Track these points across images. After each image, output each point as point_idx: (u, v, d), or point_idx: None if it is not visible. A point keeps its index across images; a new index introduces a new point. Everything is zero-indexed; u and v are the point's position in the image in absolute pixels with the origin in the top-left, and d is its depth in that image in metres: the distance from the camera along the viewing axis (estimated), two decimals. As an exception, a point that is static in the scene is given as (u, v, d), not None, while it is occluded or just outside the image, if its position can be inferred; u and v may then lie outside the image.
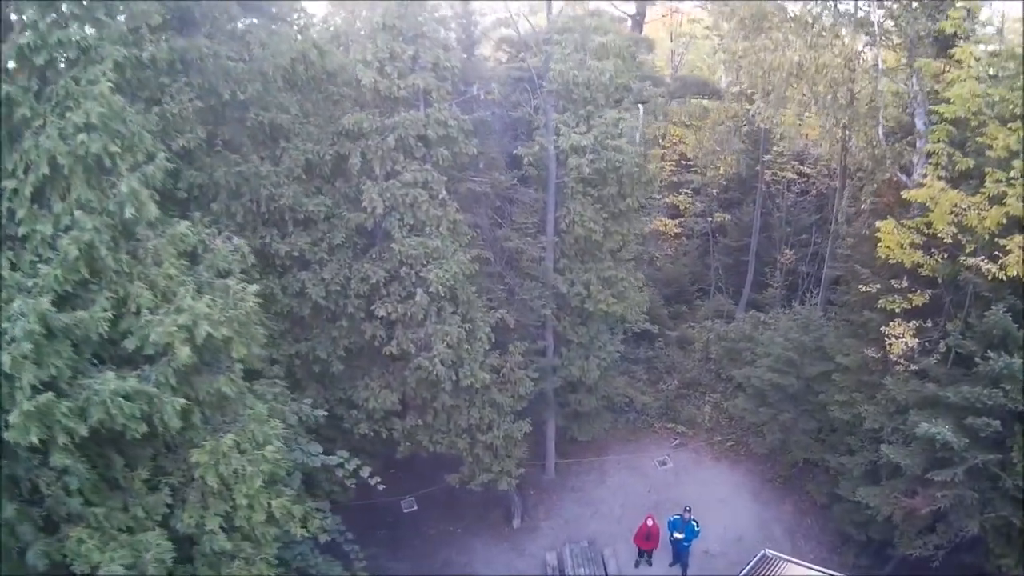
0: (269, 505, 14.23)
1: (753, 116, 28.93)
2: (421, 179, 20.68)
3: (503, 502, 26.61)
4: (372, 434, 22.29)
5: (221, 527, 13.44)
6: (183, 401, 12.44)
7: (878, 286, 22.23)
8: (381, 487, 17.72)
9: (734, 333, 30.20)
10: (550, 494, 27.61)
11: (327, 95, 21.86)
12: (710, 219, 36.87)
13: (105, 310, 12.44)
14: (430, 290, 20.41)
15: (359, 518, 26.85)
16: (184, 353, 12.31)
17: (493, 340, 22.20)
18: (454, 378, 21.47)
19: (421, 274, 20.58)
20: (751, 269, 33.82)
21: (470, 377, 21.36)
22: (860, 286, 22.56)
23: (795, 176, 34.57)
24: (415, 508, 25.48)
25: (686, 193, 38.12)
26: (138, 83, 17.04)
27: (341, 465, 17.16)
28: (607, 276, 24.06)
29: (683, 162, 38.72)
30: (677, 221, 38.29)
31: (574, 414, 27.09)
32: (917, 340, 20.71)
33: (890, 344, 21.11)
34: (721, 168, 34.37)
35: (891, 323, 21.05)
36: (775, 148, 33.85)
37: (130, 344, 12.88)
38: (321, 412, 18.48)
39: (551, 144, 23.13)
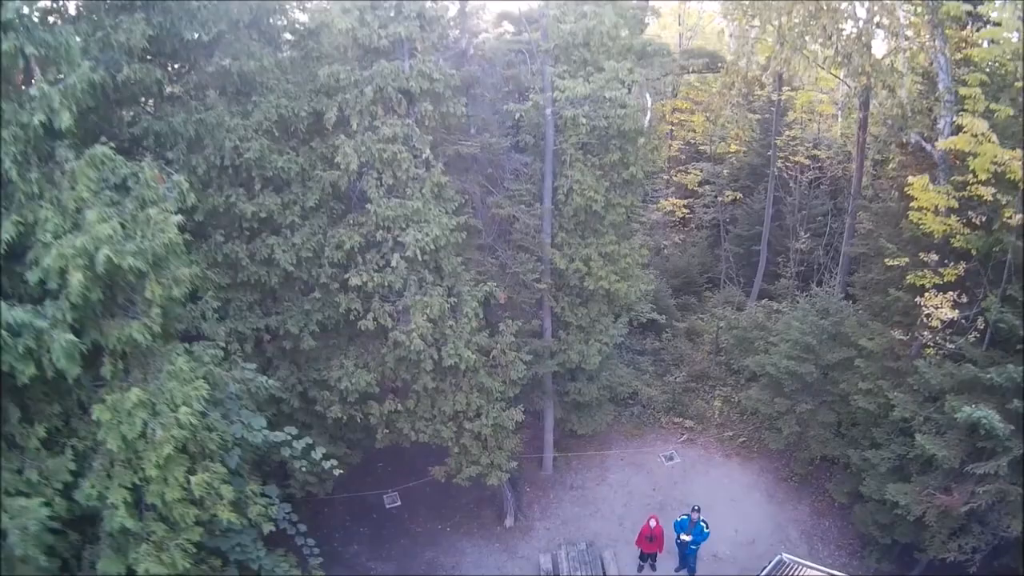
0: (187, 481, 11.93)
1: (766, 70, 26.46)
2: (401, 134, 18.36)
3: (495, 499, 23.89)
4: (346, 419, 19.74)
5: (126, 502, 10.99)
6: (71, 338, 10.02)
7: (906, 260, 19.72)
8: (337, 471, 15.07)
9: (746, 321, 27.46)
10: (547, 491, 24.82)
11: (306, 52, 19.75)
12: (720, 198, 34.29)
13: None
14: (407, 254, 17.90)
15: (339, 513, 24.50)
16: (77, 281, 9.90)
17: (481, 317, 19.77)
18: (436, 357, 19.03)
19: (399, 239, 18.12)
20: (763, 258, 31.04)
21: (454, 356, 18.72)
22: (886, 260, 20.02)
23: (808, 161, 31.96)
24: (398, 503, 22.94)
25: (696, 172, 35.75)
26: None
27: (288, 444, 14.60)
28: (609, 251, 21.36)
29: (691, 142, 36.44)
30: (686, 201, 35.96)
31: (573, 405, 24.35)
32: (957, 312, 18.08)
33: (926, 316, 18.46)
34: (732, 145, 32.05)
35: (926, 294, 18.45)
36: (788, 132, 31.39)
37: (33, 276, 10.70)
38: (272, 382, 15.91)
39: (548, 105, 20.77)
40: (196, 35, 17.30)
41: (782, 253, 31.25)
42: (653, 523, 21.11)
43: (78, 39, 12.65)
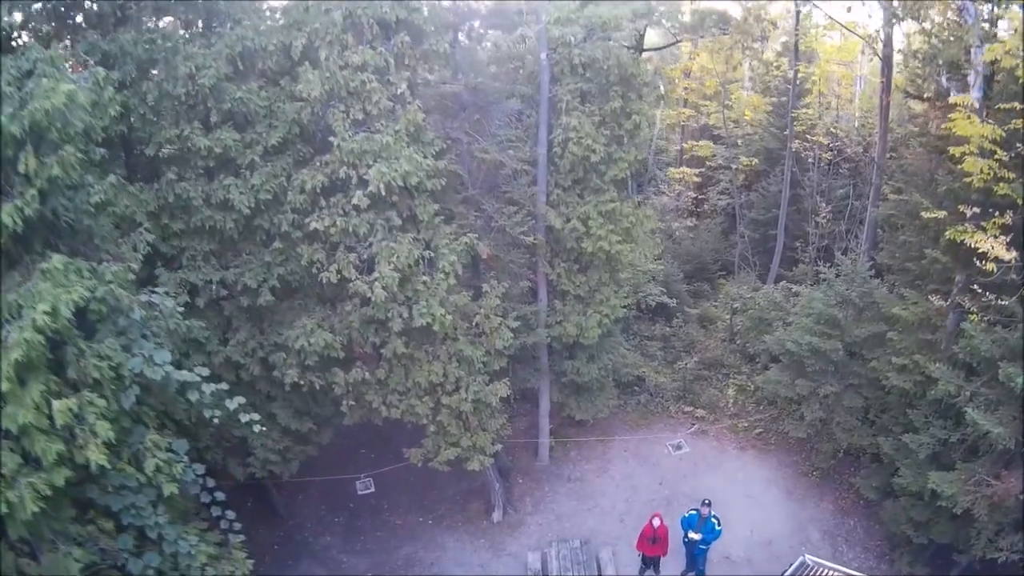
0: (49, 407, 9.30)
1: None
2: (372, 63, 15.79)
3: (484, 491, 20.76)
4: (307, 387, 16.83)
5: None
6: None
7: (943, 213, 16.68)
8: (259, 428, 12.20)
9: (762, 300, 24.26)
10: (541, 483, 21.59)
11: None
12: (735, 166, 31.23)
13: None
14: (370, 190, 15.01)
15: (314, 501, 21.48)
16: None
17: (460, 274, 16.92)
18: (405, 316, 16.40)
19: (365, 177, 15.42)
20: (780, 242, 27.71)
21: (426, 315, 15.70)
22: (923, 214, 16.97)
23: (826, 140, 28.77)
24: (371, 490, 19.93)
25: (708, 145, 32.86)
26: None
27: (196, 387, 11.73)
28: (609, 209, 18.37)
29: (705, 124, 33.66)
30: (698, 171, 33.05)
31: (572, 386, 21.19)
32: (1013, 254, 14.88)
33: (978, 260, 15.29)
34: (747, 113, 29.20)
35: (974, 236, 15.35)
36: (805, 111, 28.43)
37: None
38: (195, 323, 13.13)
39: (543, 49, 18.24)
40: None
41: (800, 237, 27.97)
42: (657, 522, 17.68)
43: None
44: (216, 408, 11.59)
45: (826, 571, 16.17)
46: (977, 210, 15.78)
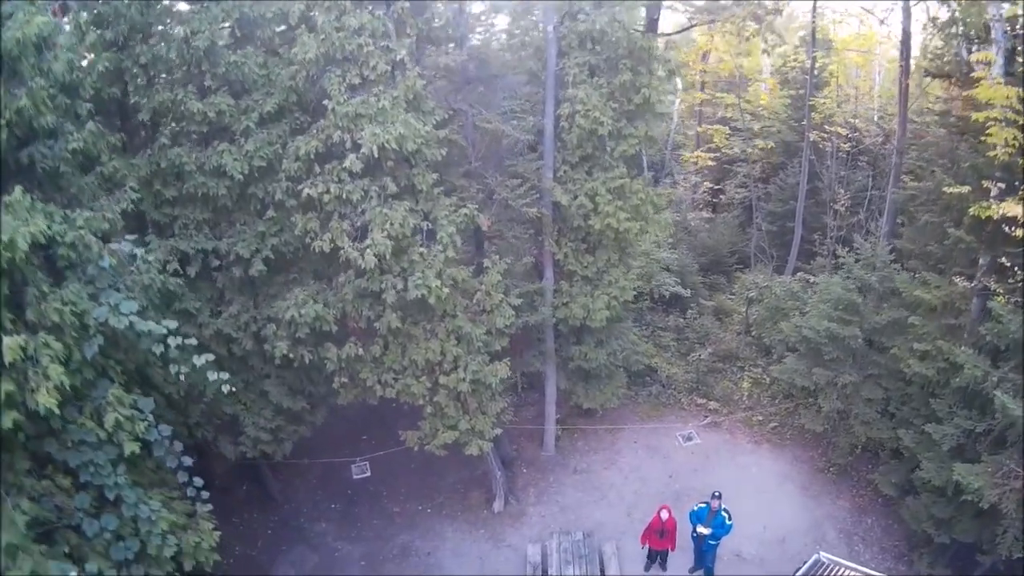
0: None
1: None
2: (370, 27, 15.12)
3: (486, 480, 19.74)
4: (296, 361, 15.93)
5: None
6: None
7: (967, 188, 15.53)
8: (226, 387, 11.20)
9: (779, 290, 23.04)
10: (546, 473, 20.50)
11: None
12: (750, 149, 29.97)
13: None
14: (363, 152, 14.18)
15: (311, 486, 20.52)
16: None
17: (459, 246, 16.05)
18: (400, 287, 15.59)
19: (359, 141, 14.48)
20: (797, 235, 26.47)
21: (421, 287, 14.70)
22: (945, 189, 15.83)
23: (844, 132, 27.47)
24: (367, 474, 19.15)
25: (722, 126, 31.73)
26: None
27: (162, 339, 10.92)
28: (618, 186, 17.32)
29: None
30: (712, 155, 31.92)
31: (579, 373, 20.09)
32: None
33: (1012, 223, 14.20)
34: (764, 96, 28.06)
35: (1002, 204, 14.21)
36: (822, 102, 27.23)
37: None
38: (174, 280, 12.38)
39: (550, 21, 17.48)
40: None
41: (818, 230, 26.64)
42: (665, 515, 16.57)
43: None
44: (183, 364, 10.81)
45: (842, 570, 15.00)
46: (1002, 186, 14.69)
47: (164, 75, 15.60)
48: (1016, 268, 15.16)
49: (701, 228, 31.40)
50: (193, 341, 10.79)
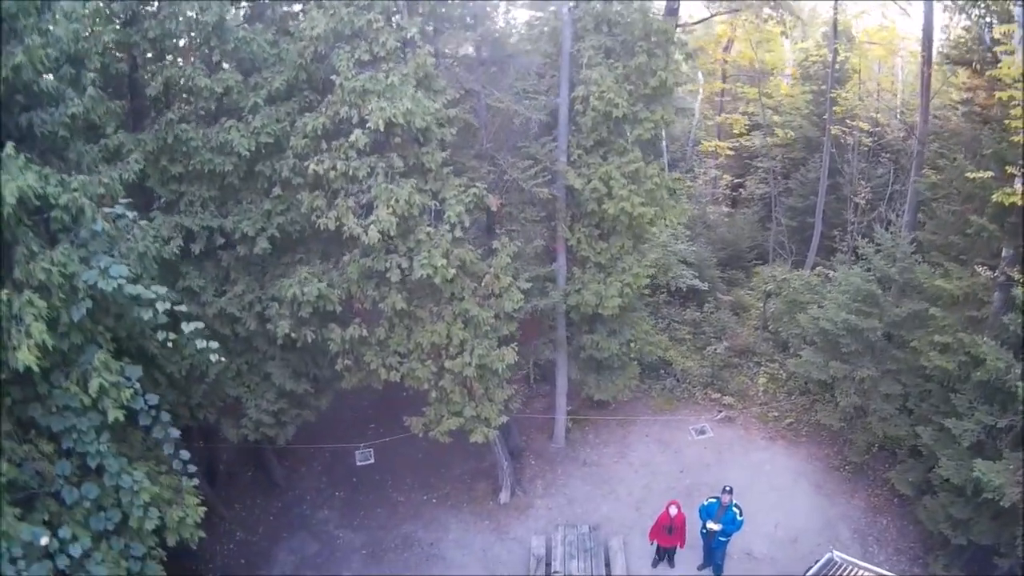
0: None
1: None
2: (380, 3, 14.85)
3: (494, 472, 19.22)
4: (299, 341, 15.44)
5: None
6: None
7: (990, 174, 14.88)
8: (215, 357, 10.70)
9: (797, 282, 22.33)
10: (554, 465, 19.96)
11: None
12: (770, 140, 29.21)
13: None
14: (369, 126, 13.75)
15: (316, 473, 20.14)
16: None
17: (466, 226, 15.69)
18: (405, 266, 15.17)
19: (366, 117, 13.97)
20: (817, 230, 25.73)
21: (427, 266, 14.33)
22: (968, 175, 15.17)
23: (866, 127, 26.69)
24: (371, 461, 18.65)
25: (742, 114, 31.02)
26: None
27: (151, 304, 10.51)
28: (633, 170, 16.84)
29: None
30: (731, 144, 31.27)
31: (591, 364, 19.51)
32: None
33: None
34: (783, 88, 27.32)
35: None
36: (844, 96, 26.58)
37: None
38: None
39: (565, 2, 17.09)
40: None
41: (838, 226, 25.94)
42: (674, 510, 16.02)
43: None
44: (171, 332, 10.46)
45: (855, 570, 14.37)
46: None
47: (173, 51, 15.38)
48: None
49: (720, 223, 30.75)
50: (183, 307, 10.46)
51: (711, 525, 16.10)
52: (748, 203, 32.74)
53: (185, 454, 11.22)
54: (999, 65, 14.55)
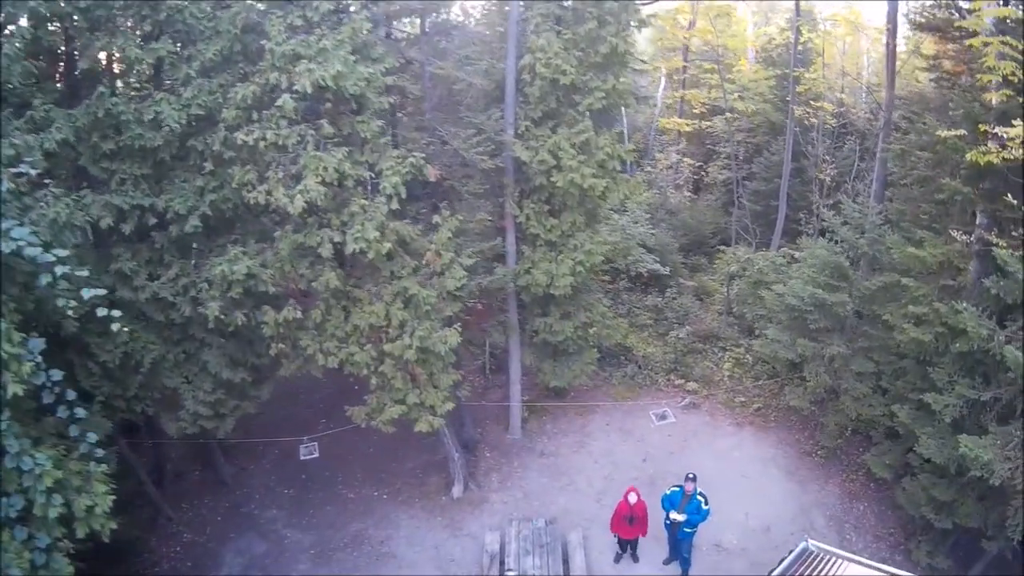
0: None
1: None
2: (311, -37, 12.91)
3: (447, 465, 17.09)
4: (231, 325, 13.60)
5: None
6: None
7: (962, 133, 12.93)
8: (116, 325, 8.84)
9: (761, 262, 20.34)
10: (510, 457, 17.85)
11: None
12: (729, 113, 27.28)
13: None
14: (295, 88, 12.05)
15: (264, 471, 18.02)
16: None
17: (404, 198, 13.72)
18: (336, 240, 13.24)
19: (294, 81, 12.31)
20: (782, 212, 23.83)
21: (360, 240, 12.53)
22: (939, 134, 13.15)
23: (830, 108, 24.82)
24: (315, 455, 16.63)
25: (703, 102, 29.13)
26: None
27: (51, 269, 8.56)
28: (583, 140, 14.87)
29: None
30: (691, 123, 29.31)
31: (545, 349, 17.52)
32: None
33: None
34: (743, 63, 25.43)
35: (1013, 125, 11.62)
36: (808, 75, 24.83)
37: None
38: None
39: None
40: None
41: (804, 208, 23.69)
42: (633, 498, 14.09)
43: None
44: (72, 299, 8.54)
45: (832, 559, 12.30)
46: (1000, 130, 12.17)
47: (106, 23, 13.49)
48: (1018, 222, 12.59)
49: (683, 208, 28.65)
50: (84, 273, 8.53)
51: (675, 516, 14.07)
52: (711, 188, 30.67)
53: (92, 436, 9.28)
54: (969, 16, 12.65)
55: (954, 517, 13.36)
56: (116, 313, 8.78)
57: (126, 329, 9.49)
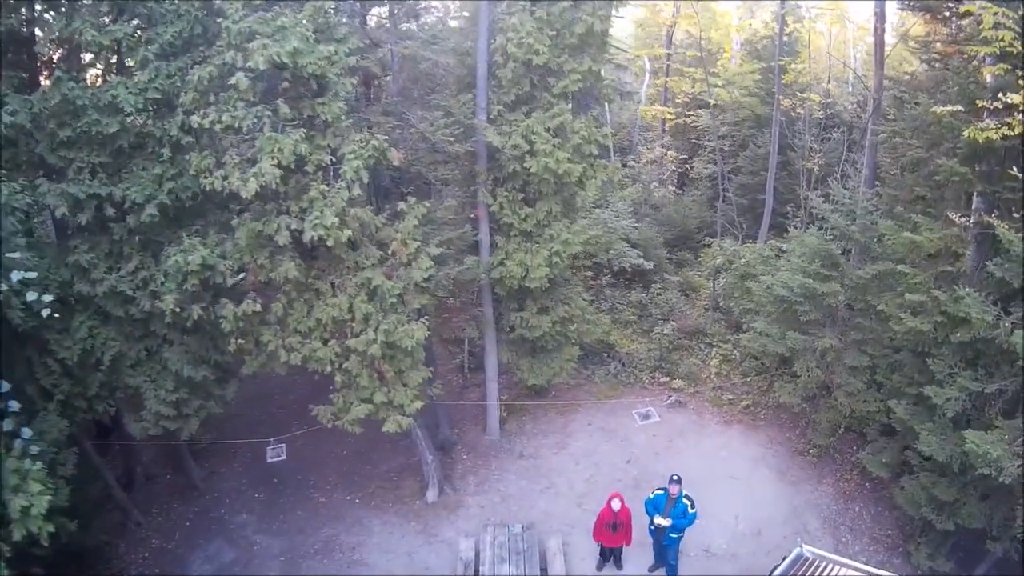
0: None
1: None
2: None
3: (422, 468, 15.94)
4: (188, 319, 12.31)
5: None
6: None
7: (958, 108, 11.56)
8: (48, 312, 7.79)
9: (748, 254, 18.77)
10: (488, 460, 16.39)
11: None
12: (713, 102, 25.76)
13: None
14: (248, 64, 10.75)
15: (236, 475, 16.52)
16: None
17: (365, 182, 12.34)
18: (293, 227, 11.88)
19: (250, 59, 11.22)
20: (768, 206, 22.18)
21: (318, 227, 11.32)
22: (934, 111, 11.73)
23: (817, 98, 23.65)
24: (282, 457, 15.20)
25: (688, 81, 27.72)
26: None
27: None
28: (557, 124, 13.52)
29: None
30: (674, 111, 27.82)
31: (523, 345, 16.06)
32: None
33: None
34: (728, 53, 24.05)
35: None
36: (794, 65, 23.42)
37: None
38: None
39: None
40: None
41: (791, 201, 22.41)
42: (617, 504, 12.69)
43: None
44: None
45: (829, 566, 10.97)
46: (999, 104, 10.80)
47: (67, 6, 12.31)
48: (1019, 203, 11.20)
49: (667, 202, 27.09)
50: (16, 255, 7.29)
51: (659, 521, 12.64)
52: (696, 184, 29.14)
53: (27, 432, 8.03)
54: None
55: (956, 518, 11.97)
56: (47, 298, 7.62)
57: (56, 315, 8.21)
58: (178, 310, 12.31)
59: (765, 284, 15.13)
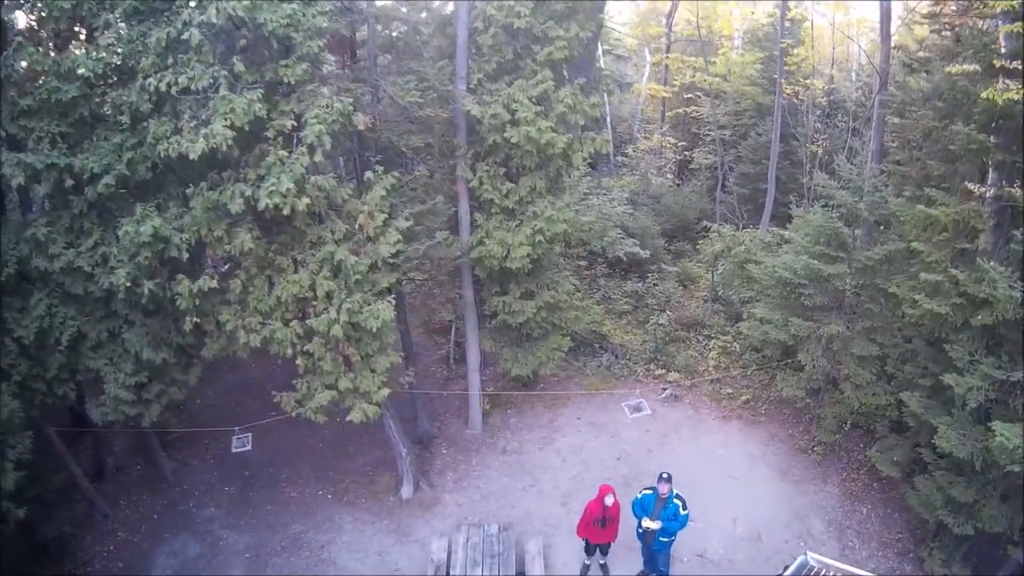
0: None
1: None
2: None
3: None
4: (143, 295, 11.11)
5: None
6: None
7: (975, 68, 10.12)
8: None
9: (748, 240, 17.15)
10: (469, 455, 14.83)
11: None
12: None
13: None
14: (201, 19, 9.48)
15: (208, 468, 15.10)
16: None
17: (329, 149, 11.00)
18: (248, 194, 10.57)
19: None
20: (770, 194, 20.57)
21: (275, 194, 10.12)
22: (949, 70, 10.33)
23: (821, 85, 22.13)
24: (248, 447, 13.74)
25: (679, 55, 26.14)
26: None
27: None
28: (541, 92, 12.11)
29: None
30: (668, 88, 26.22)
31: (507, 332, 14.52)
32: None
33: None
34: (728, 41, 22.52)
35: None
36: (796, 52, 21.93)
37: None
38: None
39: None
40: None
41: (794, 190, 20.74)
42: (610, 499, 11.15)
43: None
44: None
45: (835, 574, 9.39)
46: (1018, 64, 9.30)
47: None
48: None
49: (665, 192, 25.36)
50: None
51: (648, 523, 11.04)
52: (696, 174, 27.49)
53: None
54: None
55: (975, 521, 10.29)
56: None
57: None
58: (130, 285, 11.06)
59: (767, 265, 13.52)
